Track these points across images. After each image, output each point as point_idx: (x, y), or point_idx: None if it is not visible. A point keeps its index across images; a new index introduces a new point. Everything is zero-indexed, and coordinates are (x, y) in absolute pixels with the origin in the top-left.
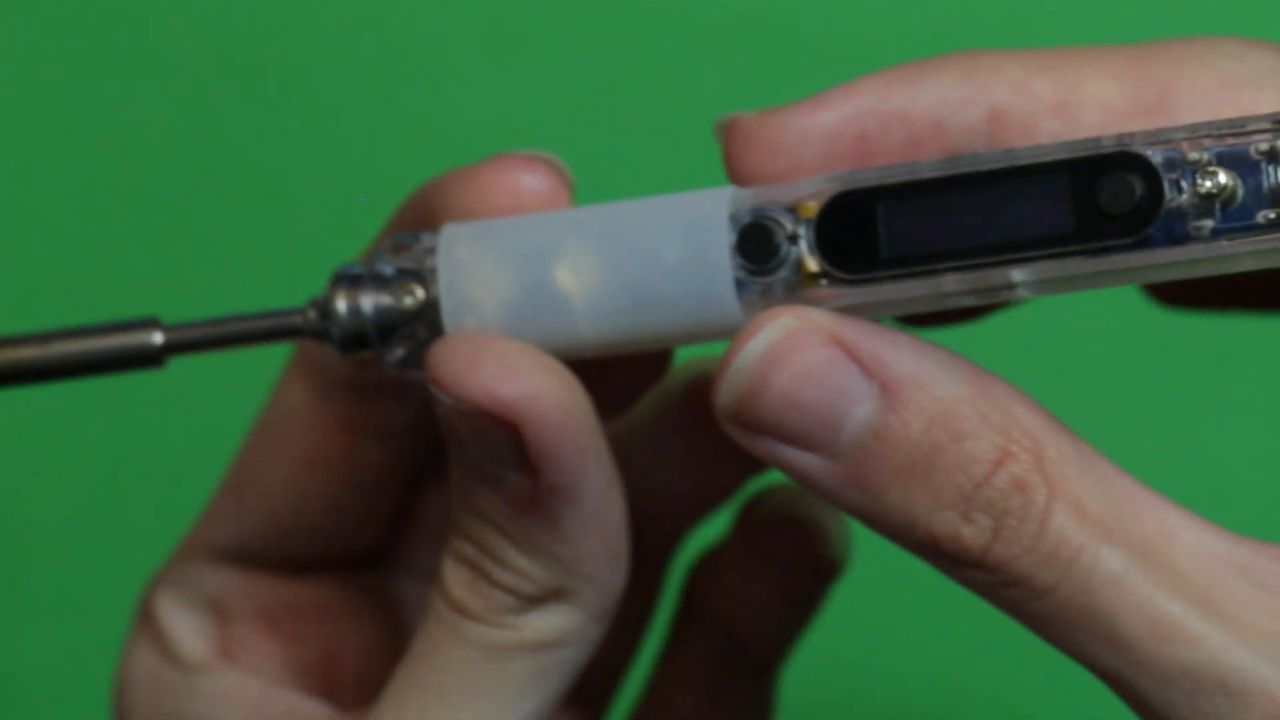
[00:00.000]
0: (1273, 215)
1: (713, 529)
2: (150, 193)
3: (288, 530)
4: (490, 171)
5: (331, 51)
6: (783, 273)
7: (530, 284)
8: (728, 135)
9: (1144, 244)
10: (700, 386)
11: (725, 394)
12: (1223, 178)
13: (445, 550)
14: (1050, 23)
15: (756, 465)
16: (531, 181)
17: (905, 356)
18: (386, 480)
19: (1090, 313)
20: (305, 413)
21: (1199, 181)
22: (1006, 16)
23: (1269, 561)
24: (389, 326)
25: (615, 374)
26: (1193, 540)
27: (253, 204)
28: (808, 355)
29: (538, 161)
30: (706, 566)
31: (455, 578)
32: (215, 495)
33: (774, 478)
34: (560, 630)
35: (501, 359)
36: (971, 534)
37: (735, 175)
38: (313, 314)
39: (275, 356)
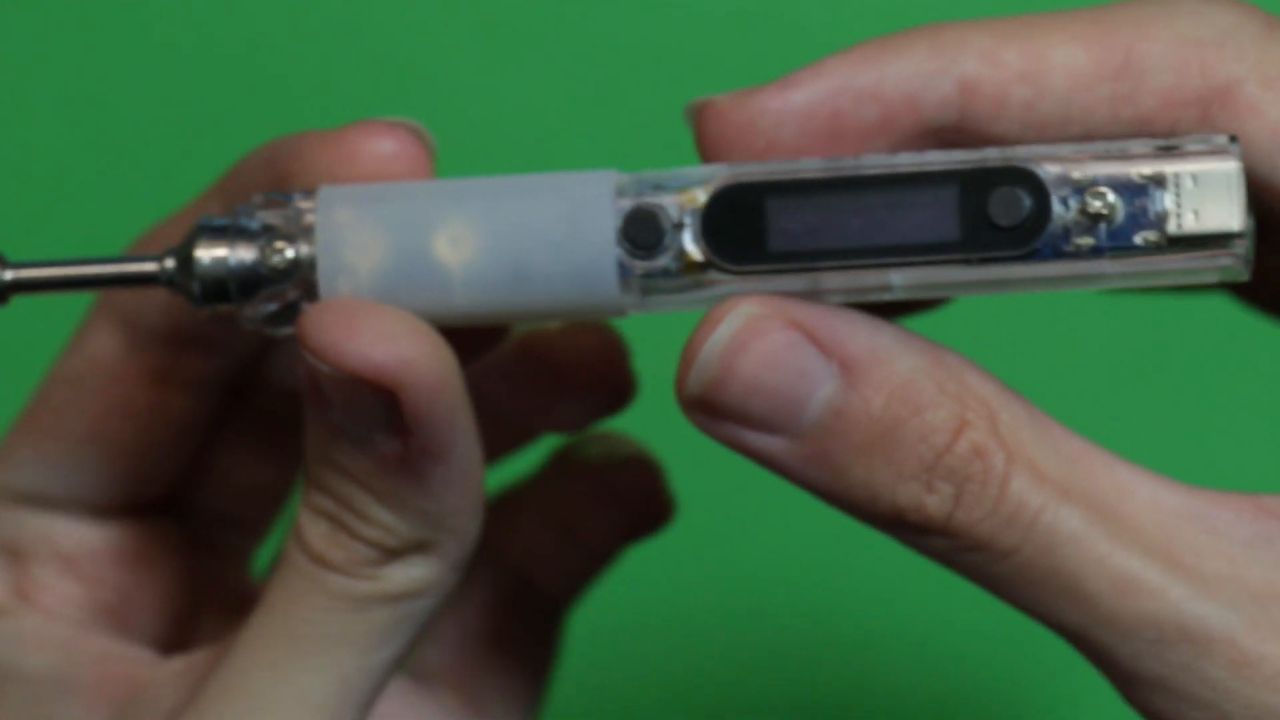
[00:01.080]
0: (1152, 238)
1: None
2: (150, 193)
3: (88, 477)
4: (354, 136)
5: (331, 51)
6: (665, 259)
7: (409, 252)
8: (700, 118)
9: (1030, 257)
10: (533, 341)
11: (692, 384)
12: (1110, 197)
13: (301, 502)
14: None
15: (571, 422)
16: (393, 147)
17: (861, 333)
18: (190, 430)
19: (1089, 309)
20: (113, 362)
21: (1087, 200)
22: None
23: (1223, 510)
24: (252, 282)
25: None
26: (1148, 494)
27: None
28: (769, 340)
29: (401, 128)
30: (503, 507)
31: (314, 530)
32: (9, 437)
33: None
34: (421, 581)
35: (379, 326)
36: (935, 502)
37: (710, 158)
38: (170, 263)
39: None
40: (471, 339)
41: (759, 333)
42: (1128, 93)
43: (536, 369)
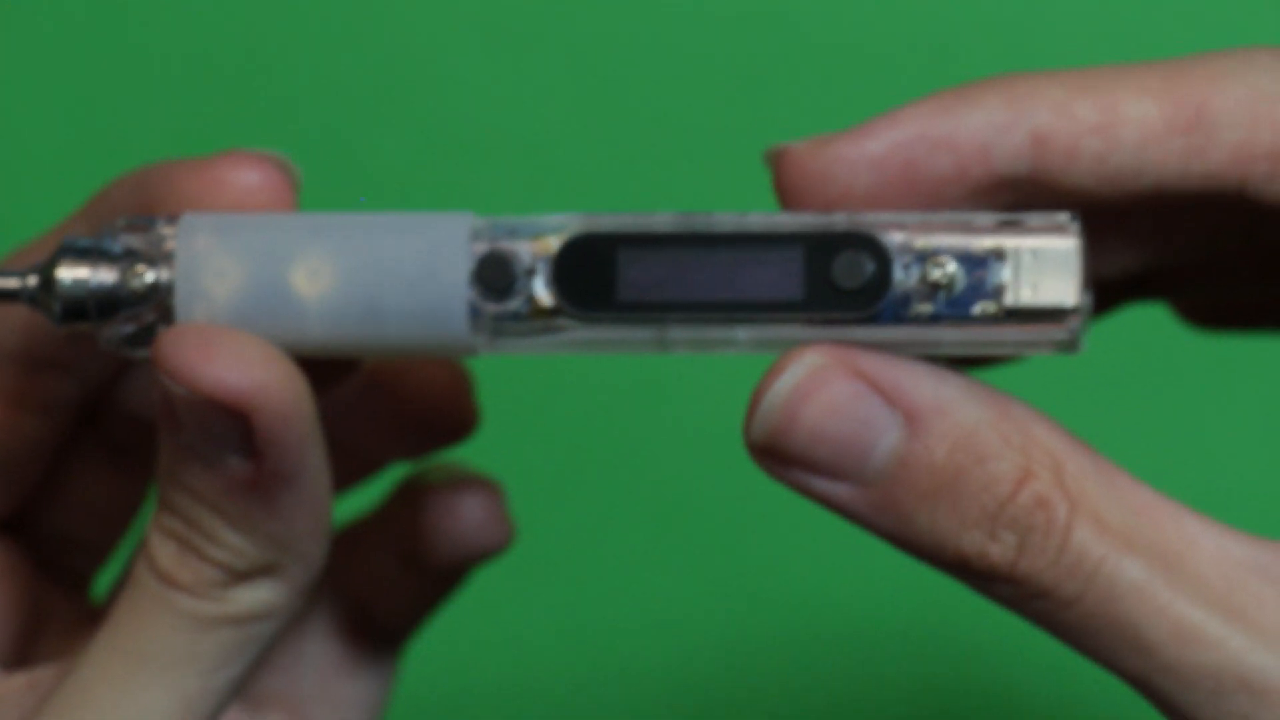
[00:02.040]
0: (990, 309)
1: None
2: None
3: None
4: (220, 166)
5: (331, 51)
6: (515, 303)
7: (266, 282)
8: (779, 165)
9: (871, 320)
10: (379, 370)
11: (756, 431)
12: (951, 268)
13: (150, 523)
14: (1048, 10)
15: (414, 450)
16: (257, 178)
17: (926, 385)
18: (40, 451)
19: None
20: None
21: (928, 269)
22: (1004, 6)
23: None
24: (112, 304)
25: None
26: (1212, 545)
27: None
28: (833, 390)
29: (267, 160)
30: (347, 537)
31: (162, 550)
32: None
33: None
34: (266, 603)
35: (234, 350)
36: (998, 551)
37: (788, 203)
38: (32, 281)
39: None
40: (326, 368)
41: (823, 382)
42: (1199, 147)
43: (382, 398)
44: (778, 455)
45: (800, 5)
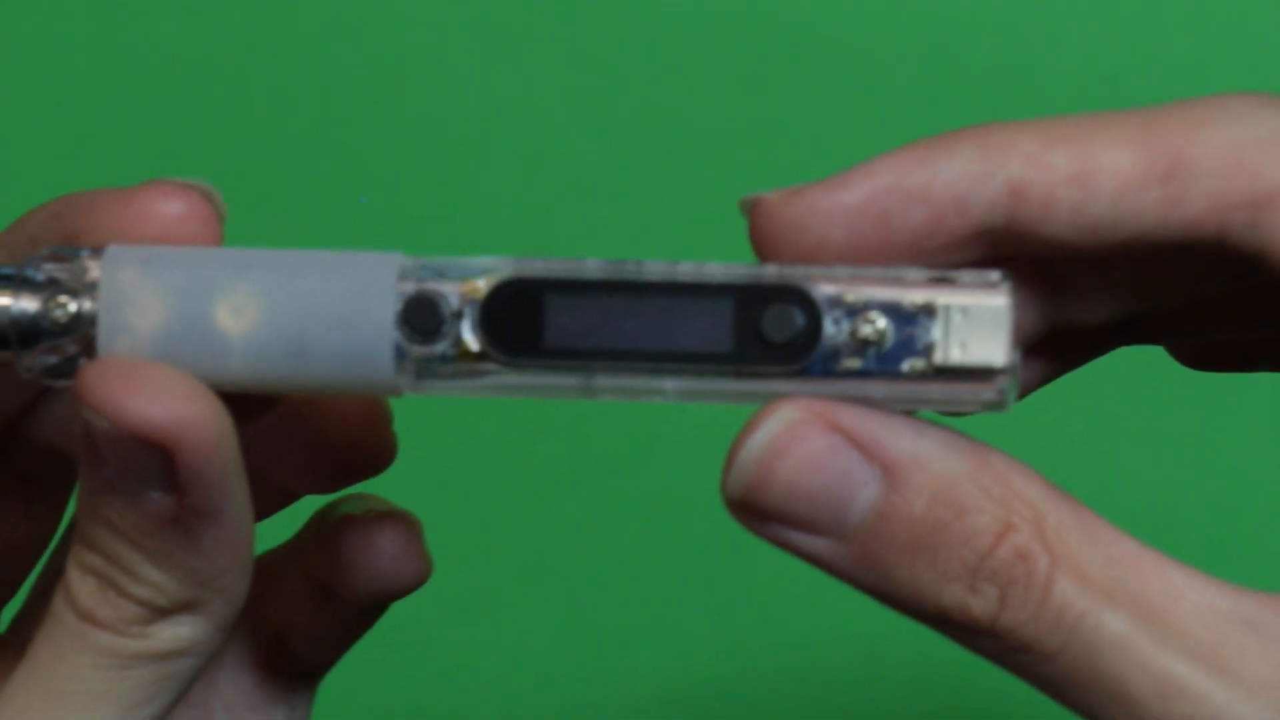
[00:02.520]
0: (919, 366)
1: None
2: None
3: None
4: (144, 195)
5: (330, 51)
6: (442, 346)
7: (189, 317)
8: (753, 214)
9: (800, 374)
10: (296, 402)
11: (733, 485)
12: (881, 323)
13: (70, 559)
14: (1048, 9)
15: (329, 483)
16: (181, 208)
17: (904, 437)
18: None
19: None
20: None
21: (858, 324)
22: (1001, 6)
23: (1273, 614)
24: (33, 333)
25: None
26: (1196, 598)
27: (252, 204)
28: (809, 445)
29: (193, 190)
30: (262, 569)
31: (82, 587)
32: None
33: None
34: (188, 640)
35: (158, 384)
36: (979, 605)
37: (761, 253)
38: None
39: None
40: (248, 402)
41: (799, 438)
42: (1177, 196)
43: (299, 430)
44: (755, 511)
45: (800, 5)
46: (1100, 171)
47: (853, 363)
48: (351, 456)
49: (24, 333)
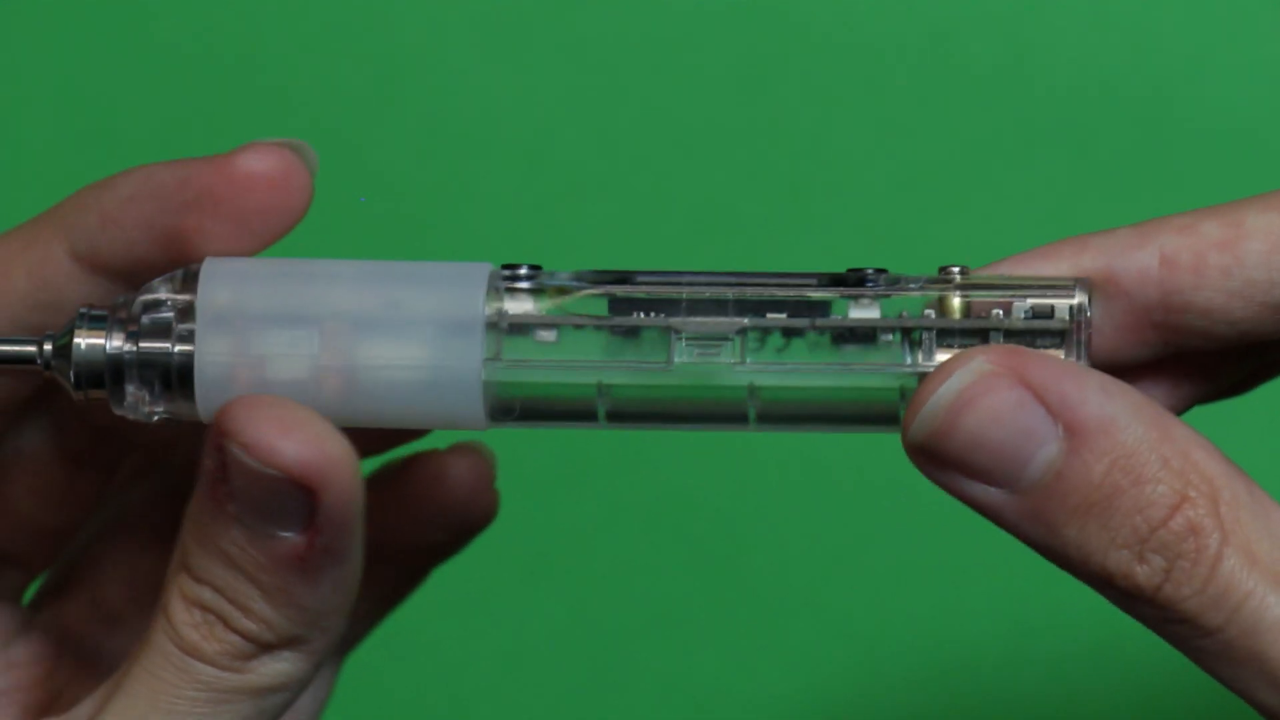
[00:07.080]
0: None
1: None
2: None
3: None
4: (239, 160)
5: (330, 50)
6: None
7: (286, 350)
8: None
9: None
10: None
11: (916, 431)
12: None
13: (172, 589)
14: (1039, 9)
15: (452, 545)
16: (275, 167)
17: (1093, 399)
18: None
19: None
20: None
21: None
22: (1002, 6)
23: None
24: (128, 369)
25: None
26: None
27: None
28: (997, 398)
29: (285, 149)
30: None
31: (186, 619)
32: None
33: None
34: (286, 676)
35: (306, 425)
36: (1145, 573)
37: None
38: (48, 348)
39: None
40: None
41: (989, 389)
42: None
43: (417, 493)
44: (935, 457)
45: (800, 5)
46: (1250, 234)
47: None
48: (468, 514)
49: (118, 370)
